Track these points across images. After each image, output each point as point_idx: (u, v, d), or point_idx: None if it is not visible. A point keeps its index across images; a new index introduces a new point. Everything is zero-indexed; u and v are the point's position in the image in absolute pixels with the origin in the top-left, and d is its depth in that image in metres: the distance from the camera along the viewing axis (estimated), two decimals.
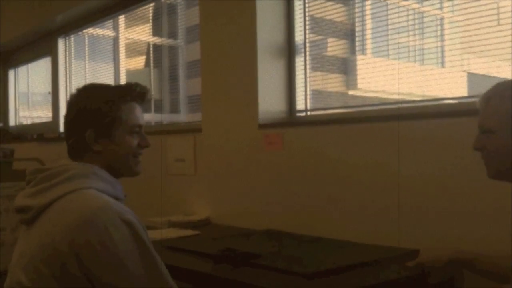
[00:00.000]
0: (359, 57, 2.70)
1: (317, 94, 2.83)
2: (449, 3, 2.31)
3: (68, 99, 1.57)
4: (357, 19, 2.67)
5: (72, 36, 4.89)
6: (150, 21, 4.12)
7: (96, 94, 1.51)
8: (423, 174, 2.11)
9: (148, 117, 4.00)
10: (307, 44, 2.82)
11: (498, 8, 2.08)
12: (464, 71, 2.24)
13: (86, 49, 4.81)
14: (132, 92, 1.52)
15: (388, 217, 2.21)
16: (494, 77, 2.14)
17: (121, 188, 1.50)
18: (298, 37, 2.84)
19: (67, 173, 1.41)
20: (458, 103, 2.22)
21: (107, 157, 1.48)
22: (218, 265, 1.94)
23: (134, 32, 4.34)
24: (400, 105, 2.36)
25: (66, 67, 4.94)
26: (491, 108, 1.37)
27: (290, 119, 2.83)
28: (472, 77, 2.23)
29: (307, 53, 2.82)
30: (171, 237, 2.50)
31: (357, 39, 2.70)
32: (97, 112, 1.47)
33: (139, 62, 4.40)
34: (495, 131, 1.36)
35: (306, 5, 2.81)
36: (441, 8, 2.36)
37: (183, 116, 3.74)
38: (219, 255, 1.98)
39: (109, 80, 4.32)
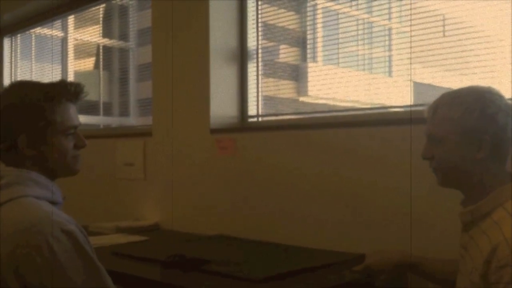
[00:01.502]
0: (310, 64, 2.74)
1: (269, 100, 2.85)
2: (397, 14, 2.38)
3: None
4: (308, 27, 2.71)
5: (18, 35, 4.73)
6: (101, 22, 4.04)
7: (28, 95, 1.40)
8: (370, 180, 2.16)
9: (97, 120, 3.92)
10: (260, 50, 2.83)
11: (444, 20, 2.16)
12: (410, 80, 2.31)
13: (33, 49, 4.66)
14: (66, 93, 1.43)
15: (337, 223, 2.25)
16: (439, 86, 2.22)
17: (59, 191, 1.43)
18: (251, 42, 2.86)
19: (2, 181, 1.34)
20: (405, 111, 2.29)
21: (43, 161, 1.41)
22: (167, 271, 1.92)
23: (83, 33, 4.24)
24: (353, 113, 2.41)
25: (11, 67, 4.77)
26: (439, 117, 1.40)
27: (242, 124, 2.83)
28: (418, 86, 2.30)
29: (260, 59, 2.83)
30: (119, 243, 2.45)
31: (308, 46, 2.74)
32: (30, 116, 1.38)
33: (88, 63, 4.30)
34: (443, 140, 1.39)
35: (259, 11, 2.83)
36: (389, 19, 2.43)
37: (133, 120, 3.69)
38: (168, 261, 1.95)
39: None
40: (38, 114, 1.39)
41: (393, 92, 2.35)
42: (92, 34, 4.13)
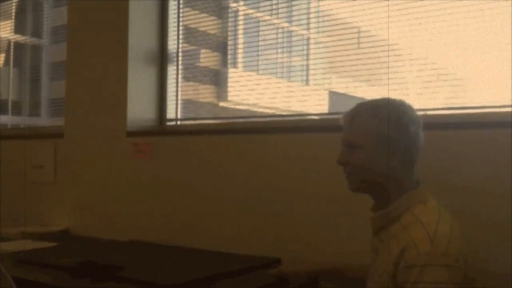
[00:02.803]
0: (230, 69, 2.76)
1: (189, 104, 2.83)
2: (316, 24, 2.45)
3: None
4: (229, 33, 2.73)
5: None
6: (13, 17, 3.84)
7: None
8: (287, 185, 2.20)
9: (4, 120, 3.72)
10: (180, 54, 2.81)
11: (359, 32, 2.25)
12: (326, 89, 2.38)
13: None
14: None
15: (251, 226, 2.27)
16: (352, 96, 2.30)
17: None
18: (171, 45, 2.82)
19: None
20: (320, 119, 2.36)
21: None
22: (77, 279, 1.84)
23: None
24: (273, 119, 2.44)
25: None
26: (357, 125, 1.46)
27: (160, 128, 2.79)
28: (333, 95, 2.38)
29: (180, 62, 2.81)
30: (25, 249, 2.32)
31: (229, 52, 2.75)
32: None
33: None
34: (360, 147, 1.44)
35: (181, 14, 2.80)
36: (308, 29, 2.49)
37: (43, 120, 3.53)
38: (78, 268, 1.88)
39: None
40: None
41: (309, 100, 2.41)
42: (3, 29, 3.92)
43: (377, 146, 1.42)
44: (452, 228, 1.36)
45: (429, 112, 2.03)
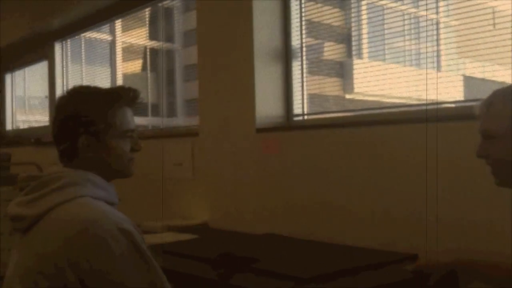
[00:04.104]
0: (355, 61, 2.71)
1: (315, 98, 2.84)
2: (445, 7, 2.32)
3: (57, 101, 1.52)
4: (353, 23, 2.68)
5: (68, 40, 4.89)
6: (147, 25, 4.12)
7: (89, 99, 1.47)
8: (421, 179, 2.11)
9: (145, 121, 3.99)
10: (304, 48, 2.82)
11: (493, 12, 2.09)
12: (460, 75, 2.25)
13: (83, 52, 4.80)
14: (125, 97, 1.50)
15: (387, 222, 2.22)
16: (490, 80, 2.15)
17: (115, 192, 1.48)
18: (295, 41, 2.85)
19: (61, 181, 1.38)
20: (455, 107, 2.23)
21: (100, 163, 1.46)
22: (216, 270, 1.94)
23: (131, 36, 4.34)
24: (402, 109, 2.36)
25: (63, 70, 4.94)
26: (493, 114, 1.36)
27: (288, 123, 2.83)
28: (469, 81, 2.23)
29: (304, 57, 2.82)
30: (169, 241, 2.49)
31: (353, 43, 2.70)
32: (91, 119, 1.44)
33: (136, 66, 4.40)
34: (498, 137, 1.34)
35: (303, 9, 2.82)
36: (436, 13, 2.37)
37: (180, 120, 3.74)
38: (218, 259, 1.97)
39: (106, 84, 4.32)
40: (99, 117, 1.44)
41: (442, 87, 2.29)
42: (139, 37, 4.22)
43: None
44: None
45: None
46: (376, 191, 2.26)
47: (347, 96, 2.77)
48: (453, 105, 2.23)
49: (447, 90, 2.26)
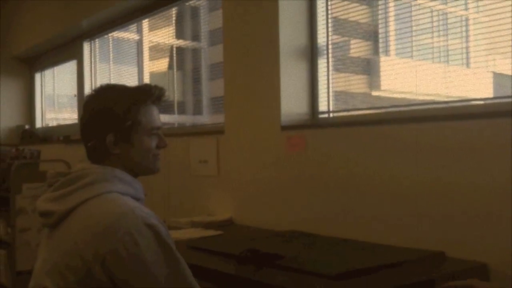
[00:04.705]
0: (382, 58, 2.68)
1: (340, 95, 2.82)
2: (475, 3, 2.28)
3: (85, 99, 1.56)
4: (380, 20, 2.66)
5: (97, 39, 4.97)
6: (174, 24, 4.16)
7: (116, 97, 1.50)
8: (448, 177, 2.08)
9: (172, 119, 4.03)
10: (330, 45, 2.81)
11: None
12: (490, 71, 2.21)
13: (111, 52, 4.87)
14: (151, 95, 1.52)
15: (413, 220, 2.19)
16: None
17: (141, 188, 1.50)
18: (321, 38, 2.84)
19: (89, 178, 1.41)
20: (485, 104, 2.19)
21: (126, 159, 1.49)
22: (241, 266, 1.94)
23: (157, 35, 4.38)
24: (432, 106, 2.33)
25: (91, 69, 5.02)
26: None
27: (313, 121, 2.83)
28: (499, 78, 2.19)
29: (330, 55, 2.81)
30: (194, 237, 2.51)
31: (380, 40, 2.68)
32: (118, 116, 1.46)
33: (162, 64, 4.44)
34: None
35: (329, 6, 2.80)
36: (466, 9, 2.33)
37: (206, 118, 3.76)
38: (243, 255, 1.98)
39: (133, 83, 4.37)
40: (126, 115, 1.47)
41: (471, 84, 2.25)
42: (166, 36, 4.26)
43: None
44: None
45: None
46: (404, 189, 2.23)
47: (374, 93, 2.74)
48: (482, 102, 2.19)
49: (476, 87, 2.22)
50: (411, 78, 2.46)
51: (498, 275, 1.88)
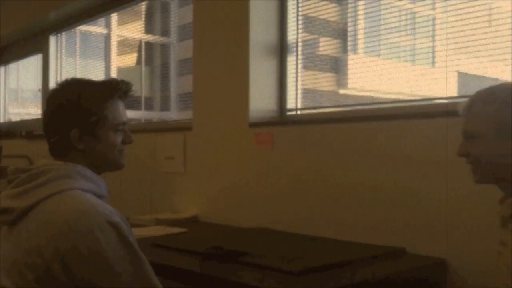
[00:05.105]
0: (350, 56, 2.70)
1: (309, 93, 2.83)
2: (442, 3, 2.31)
3: (49, 93, 1.51)
4: (349, 19, 2.67)
5: (63, 33, 4.86)
6: (143, 18, 4.11)
7: (81, 91, 1.46)
8: (414, 174, 2.11)
9: (139, 115, 3.98)
10: (300, 43, 2.81)
11: (490, 9, 2.08)
12: (455, 71, 2.24)
13: (78, 46, 4.78)
14: (118, 90, 1.49)
15: (375, 217, 2.21)
16: (485, 77, 2.14)
17: (104, 185, 1.47)
18: (291, 36, 2.83)
19: (50, 174, 1.38)
20: (449, 103, 2.22)
21: (90, 155, 1.45)
22: (205, 263, 1.92)
23: (126, 30, 4.32)
24: (401, 104, 2.36)
25: (57, 64, 4.91)
26: (474, 114, 1.38)
27: (281, 118, 2.82)
28: (463, 77, 2.23)
29: (300, 52, 2.81)
30: (158, 234, 2.48)
31: (349, 38, 2.69)
32: (83, 111, 1.43)
33: (130, 59, 4.38)
34: (478, 136, 1.37)
35: (300, 4, 2.80)
36: (433, 9, 2.36)
37: (173, 114, 3.73)
38: (207, 252, 1.96)
39: (100, 78, 4.29)
40: (91, 110, 1.44)
41: (436, 83, 2.28)
42: (135, 31, 4.20)
43: (498, 134, 1.33)
44: None
45: None
46: (369, 186, 2.25)
47: (341, 91, 2.76)
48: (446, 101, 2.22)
49: (441, 86, 2.25)
50: (378, 76, 2.48)
51: (457, 271, 1.91)
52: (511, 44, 1.99)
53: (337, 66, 2.77)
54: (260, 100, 2.80)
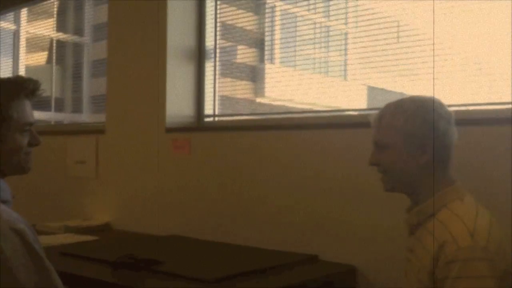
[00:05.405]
0: (267, 65, 2.75)
1: (226, 100, 2.84)
2: (354, 19, 2.41)
3: None
4: (266, 29, 2.72)
5: None
6: (55, 16, 3.94)
7: None
8: (325, 182, 2.18)
9: (48, 116, 3.82)
10: (218, 50, 2.82)
11: (398, 26, 2.20)
12: (364, 84, 2.35)
13: None
14: (24, 89, 1.42)
15: (288, 223, 2.26)
16: (392, 91, 2.26)
17: (8, 189, 1.41)
18: (209, 42, 2.84)
19: None
20: (359, 115, 2.33)
21: None
22: (117, 272, 1.88)
23: (36, 27, 4.12)
24: (310, 115, 2.43)
25: None
26: (384, 125, 1.45)
27: (198, 124, 2.81)
28: (372, 90, 2.34)
29: (217, 59, 2.82)
30: (67, 242, 2.39)
31: (266, 48, 2.74)
32: None
33: (40, 58, 4.18)
34: (388, 147, 1.44)
35: (218, 11, 2.81)
36: (346, 23, 2.46)
37: (85, 116, 3.61)
38: (119, 261, 1.92)
39: (7, 76, 4.06)
40: None
41: (347, 96, 2.39)
42: (46, 28, 4.02)
43: (406, 145, 1.41)
44: (490, 222, 1.34)
45: (470, 108, 1.98)
46: (282, 193, 2.29)
47: (258, 100, 2.80)
48: (356, 113, 2.32)
49: (352, 98, 2.36)
50: (293, 86, 2.54)
51: (364, 278, 2.00)
52: (414, 60, 2.12)
53: (254, 75, 2.81)
54: (177, 106, 2.77)
